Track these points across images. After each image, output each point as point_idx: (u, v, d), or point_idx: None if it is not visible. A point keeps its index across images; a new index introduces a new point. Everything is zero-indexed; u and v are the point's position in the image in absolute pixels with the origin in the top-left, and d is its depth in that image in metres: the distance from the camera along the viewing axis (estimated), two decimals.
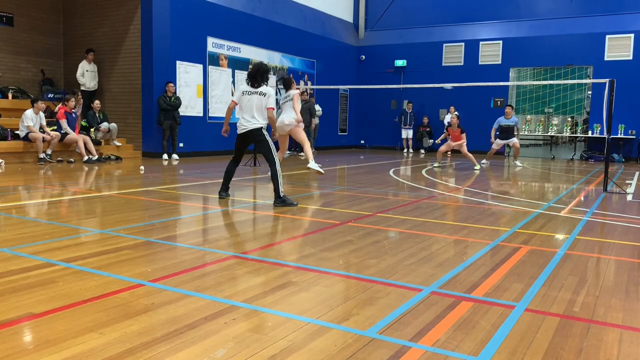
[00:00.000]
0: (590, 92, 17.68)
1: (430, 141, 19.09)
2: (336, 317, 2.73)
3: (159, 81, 13.13)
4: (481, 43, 18.88)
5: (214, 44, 14.60)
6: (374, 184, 9.01)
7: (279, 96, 15.36)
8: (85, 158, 11.51)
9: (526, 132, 18.34)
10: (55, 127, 11.65)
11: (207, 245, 4.34)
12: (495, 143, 13.81)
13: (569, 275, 3.61)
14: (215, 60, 14.69)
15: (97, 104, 12.89)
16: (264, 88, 6.46)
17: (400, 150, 20.06)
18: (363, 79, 20.79)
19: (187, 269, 3.54)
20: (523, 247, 4.41)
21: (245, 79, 6.67)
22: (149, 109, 13.27)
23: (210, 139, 14.62)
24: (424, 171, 11.73)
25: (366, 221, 5.48)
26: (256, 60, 15.99)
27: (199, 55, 14.19)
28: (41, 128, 11.25)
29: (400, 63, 20.27)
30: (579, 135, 18.00)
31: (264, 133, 6.43)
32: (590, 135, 17.35)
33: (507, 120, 13.59)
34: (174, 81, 13.38)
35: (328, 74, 19.26)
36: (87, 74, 13.45)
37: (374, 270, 3.62)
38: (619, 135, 16.68)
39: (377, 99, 20.72)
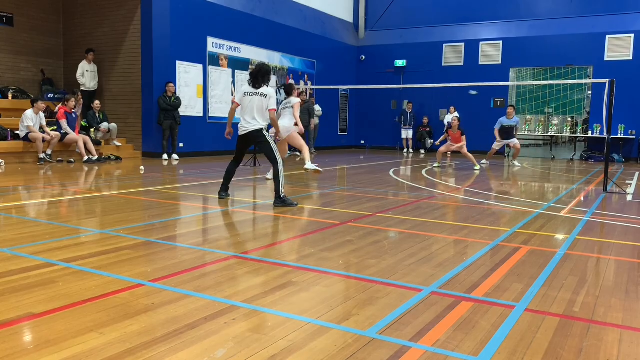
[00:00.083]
0: (590, 92, 17.68)
1: (430, 141, 19.09)
2: (336, 317, 2.73)
3: (159, 81, 13.13)
4: (481, 43, 18.89)
5: (214, 44, 14.61)
6: (374, 184, 9.01)
7: (279, 96, 15.37)
8: (85, 158, 11.51)
9: (526, 132, 18.33)
10: (55, 127, 11.65)
11: (207, 245, 4.34)
12: (495, 143, 13.83)
13: (569, 275, 3.61)
14: (215, 60, 14.69)
15: (97, 104, 12.89)
16: (265, 89, 6.44)
17: (400, 150, 20.06)
18: (363, 79, 20.79)
19: (187, 269, 3.54)
20: (523, 247, 4.41)
21: (247, 79, 6.66)
22: (149, 109, 13.27)
23: (210, 139, 14.62)
24: (424, 171, 11.73)
25: (366, 221, 5.48)
26: (256, 60, 15.98)
27: (199, 55, 14.19)
28: (41, 128, 11.25)
29: (400, 63, 20.26)
30: (579, 135, 18.01)
31: (265, 134, 6.42)
32: (590, 135, 17.35)
33: (509, 120, 13.61)
34: (174, 81, 13.38)
35: (328, 74, 19.26)
36: (87, 74, 13.45)
37: (374, 270, 3.62)
38: (619, 136, 16.68)
39: (377, 99, 20.72)
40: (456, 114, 16.92)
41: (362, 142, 21.58)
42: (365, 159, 15.32)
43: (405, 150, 19.44)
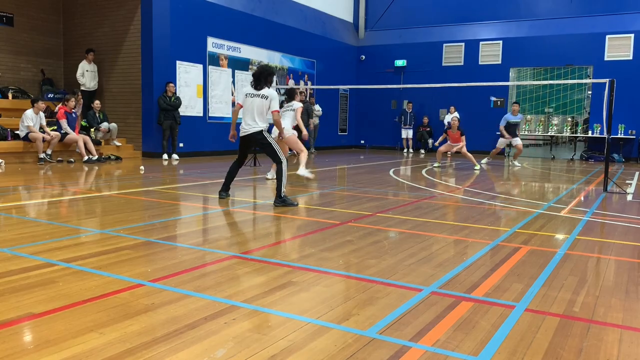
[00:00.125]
0: (590, 92, 17.68)
1: (430, 141, 19.10)
2: (336, 317, 2.73)
3: (159, 81, 13.13)
4: (481, 43, 18.89)
5: (214, 44, 14.60)
6: (374, 184, 9.01)
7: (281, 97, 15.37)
8: (85, 158, 11.51)
9: (526, 132, 18.34)
10: (55, 127, 11.65)
11: (207, 245, 4.34)
12: (499, 142, 13.84)
13: (569, 275, 3.61)
14: (215, 60, 14.69)
15: (97, 104, 12.89)
16: (266, 91, 6.42)
17: (400, 150, 20.06)
18: (363, 79, 20.79)
19: (187, 269, 3.54)
20: (523, 247, 4.41)
21: (250, 81, 6.64)
22: (149, 109, 13.28)
23: (210, 139, 14.62)
24: (424, 171, 11.73)
25: (366, 221, 5.48)
26: (256, 60, 16.00)
27: (199, 55, 14.19)
28: (41, 128, 11.26)
29: (400, 63, 20.26)
30: (579, 135, 18.01)
31: (266, 135, 6.41)
32: (590, 135, 17.36)
33: (515, 117, 13.64)
34: (174, 81, 13.38)
35: (328, 74, 19.26)
36: (87, 74, 13.45)
37: (374, 270, 3.62)
38: (619, 135, 16.68)
39: (377, 99, 20.72)
40: (456, 114, 16.93)
41: (362, 142, 21.58)
42: (365, 159, 15.32)
43: (405, 150, 19.44)
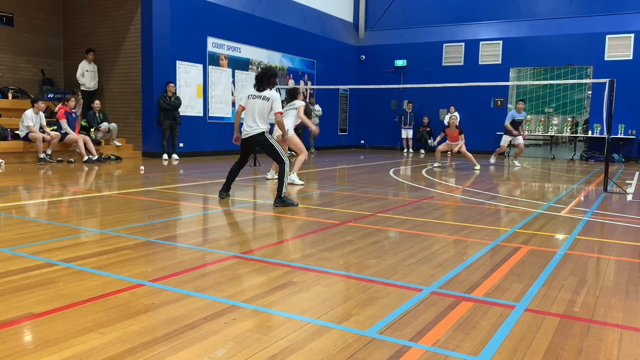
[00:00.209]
0: (590, 92, 17.68)
1: (430, 141, 19.09)
2: (336, 317, 2.73)
3: (159, 81, 13.13)
4: (481, 43, 18.89)
5: (214, 44, 14.60)
6: (374, 184, 9.01)
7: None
8: (85, 158, 11.51)
9: (526, 132, 18.33)
10: (55, 127, 11.65)
11: (207, 245, 4.34)
12: (503, 139, 13.84)
13: (569, 275, 3.61)
14: (215, 60, 14.69)
15: (97, 104, 12.89)
16: (268, 92, 6.40)
17: (400, 150, 20.07)
18: (363, 79, 20.79)
19: (187, 269, 3.54)
20: (523, 247, 4.41)
21: (253, 83, 6.62)
22: (149, 109, 13.28)
23: (210, 139, 14.62)
24: (424, 171, 11.73)
25: (366, 221, 5.48)
26: (256, 60, 16.00)
27: (199, 55, 14.19)
28: (41, 128, 11.26)
29: (400, 63, 20.27)
30: (579, 135, 18.01)
31: (267, 137, 6.40)
32: (590, 135, 17.35)
33: (519, 115, 13.65)
34: (174, 81, 13.38)
35: (328, 74, 19.26)
36: (87, 74, 13.45)
37: (374, 270, 3.62)
38: (619, 135, 16.68)
39: (377, 99, 20.72)
40: (456, 113, 16.93)
41: (362, 142, 21.58)
42: (365, 159, 15.32)
43: (405, 150, 19.45)
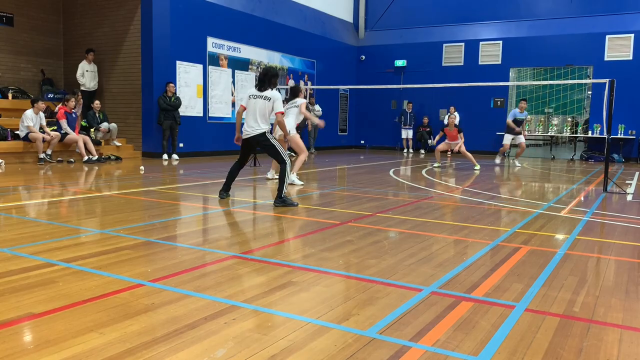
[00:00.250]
0: (590, 92, 17.68)
1: (429, 141, 19.09)
2: (336, 317, 2.73)
3: (159, 81, 13.14)
4: (481, 43, 18.88)
5: (214, 44, 14.60)
6: (374, 184, 9.01)
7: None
8: (85, 158, 11.51)
9: (526, 132, 18.33)
10: (55, 127, 11.65)
11: (207, 245, 4.34)
12: (505, 138, 13.85)
13: (569, 275, 3.61)
14: (215, 60, 14.69)
15: (97, 104, 12.89)
16: (269, 92, 6.40)
17: (400, 150, 20.07)
18: (363, 79, 20.79)
19: (187, 269, 3.54)
20: (523, 247, 4.41)
21: (255, 83, 6.60)
22: (149, 109, 13.28)
23: (210, 139, 14.62)
24: (424, 171, 11.73)
25: (366, 221, 5.48)
26: (256, 60, 16.01)
27: (199, 55, 14.19)
28: (41, 128, 11.26)
29: (400, 63, 20.26)
30: (579, 135, 18.01)
31: (268, 137, 6.39)
32: (590, 135, 17.35)
33: (521, 114, 13.67)
34: (174, 81, 13.38)
35: (328, 74, 19.26)
36: (87, 74, 13.45)
37: (374, 270, 3.62)
38: (619, 136, 16.68)
39: (377, 99, 20.72)
40: (456, 113, 16.92)
41: (362, 142, 21.58)
42: (365, 159, 15.32)
43: (405, 150, 19.45)
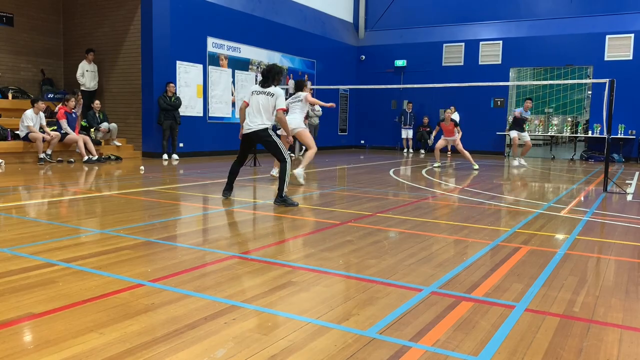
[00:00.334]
0: (590, 92, 17.67)
1: (429, 141, 19.08)
2: (336, 317, 2.73)
3: (159, 81, 13.14)
4: (481, 43, 18.88)
5: (214, 44, 14.60)
6: (374, 184, 9.00)
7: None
8: (85, 158, 11.51)
9: (527, 132, 18.33)
10: (55, 127, 11.65)
11: (207, 245, 4.34)
12: (512, 134, 13.85)
13: (569, 275, 3.61)
14: (215, 60, 14.69)
15: (97, 104, 12.89)
16: (272, 88, 6.40)
17: (400, 150, 20.06)
18: (363, 79, 20.79)
19: (187, 269, 3.54)
20: (523, 247, 4.41)
21: (259, 80, 6.61)
22: (149, 109, 13.28)
23: (210, 139, 14.62)
24: (424, 171, 11.73)
25: (366, 221, 5.48)
26: (256, 60, 16.01)
27: (199, 55, 14.19)
28: (41, 128, 11.26)
29: (400, 63, 20.26)
30: (579, 135, 18.00)
31: (271, 133, 6.39)
32: (590, 135, 17.35)
33: (525, 113, 13.69)
34: (174, 81, 13.39)
35: (328, 74, 19.26)
36: (87, 74, 13.45)
37: (374, 270, 3.62)
38: (619, 135, 16.68)
39: (377, 99, 20.72)
40: (456, 113, 16.93)
41: (362, 142, 21.58)
42: (365, 159, 15.32)
43: (405, 150, 19.45)
